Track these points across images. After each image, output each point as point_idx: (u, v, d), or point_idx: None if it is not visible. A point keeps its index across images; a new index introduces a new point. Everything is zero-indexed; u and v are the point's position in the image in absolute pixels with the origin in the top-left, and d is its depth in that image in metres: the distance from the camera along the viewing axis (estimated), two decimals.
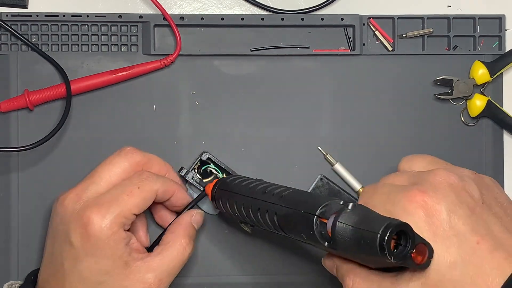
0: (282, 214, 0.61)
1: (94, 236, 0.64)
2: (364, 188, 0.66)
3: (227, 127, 0.75)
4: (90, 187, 0.67)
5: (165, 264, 0.67)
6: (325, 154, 0.76)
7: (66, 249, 0.66)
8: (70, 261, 0.65)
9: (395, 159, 0.78)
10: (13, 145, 0.74)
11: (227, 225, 0.76)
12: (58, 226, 0.67)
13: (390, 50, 0.77)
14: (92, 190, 0.67)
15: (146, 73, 0.75)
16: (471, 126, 0.77)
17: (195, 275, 0.75)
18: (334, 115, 0.77)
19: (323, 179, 0.76)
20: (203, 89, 0.76)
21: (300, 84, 0.77)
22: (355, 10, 0.77)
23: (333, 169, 0.76)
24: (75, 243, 0.65)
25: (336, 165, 0.76)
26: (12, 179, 0.74)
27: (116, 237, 0.65)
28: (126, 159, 0.69)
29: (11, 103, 0.73)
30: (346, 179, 0.76)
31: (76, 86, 0.74)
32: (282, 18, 0.76)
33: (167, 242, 0.68)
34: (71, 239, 0.65)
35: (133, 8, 0.76)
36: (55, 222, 0.68)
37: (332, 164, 0.76)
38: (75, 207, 0.66)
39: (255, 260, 0.76)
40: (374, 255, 0.53)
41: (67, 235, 0.65)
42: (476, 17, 0.77)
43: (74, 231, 0.65)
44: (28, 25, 0.75)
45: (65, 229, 0.66)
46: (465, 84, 0.77)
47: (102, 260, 0.65)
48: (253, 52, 0.76)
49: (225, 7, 0.77)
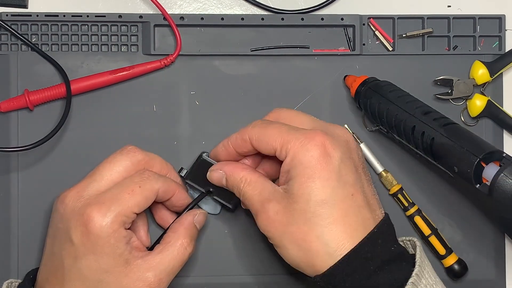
0: (441, 142, 0.68)
1: (94, 234, 0.64)
2: (257, 121, 0.69)
3: (227, 127, 0.75)
4: (91, 185, 0.67)
5: (165, 263, 0.67)
6: (352, 133, 0.76)
7: (66, 247, 0.66)
8: (70, 259, 0.65)
9: (394, 158, 0.78)
10: (13, 145, 0.74)
11: (227, 225, 0.76)
12: (58, 224, 0.67)
13: (390, 50, 0.77)
14: (93, 188, 0.67)
15: (146, 73, 0.75)
16: (471, 126, 0.77)
17: (195, 275, 0.75)
18: (334, 115, 0.77)
19: None
20: (203, 89, 0.76)
21: (300, 84, 0.77)
22: (355, 10, 0.77)
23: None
24: (75, 241, 0.65)
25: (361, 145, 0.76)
26: (12, 179, 0.74)
27: (117, 236, 0.65)
28: (128, 158, 0.69)
29: (11, 103, 0.73)
30: (369, 160, 0.76)
31: (76, 86, 0.74)
32: (282, 18, 0.76)
33: (168, 241, 0.68)
34: (71, 237, 0.65)
35: (133, 8, 0.76)
36: (55, 220, 0.68)
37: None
38: (76, 205, 0.66)
39: (255, 260, 0.76)
40: None
41: (67, 233, 0.65)
42: (476, 17, 0.77)
43: (75, 229, 0.65)
44: (28, 25, 0.75)
45: (66, 227, 0.66)
46: (465, 84, 0.77)
47: (102, 258, 0.65)
48: (253, 52, 0.76)
49: (225, 7, 0.77)
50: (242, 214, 0.75)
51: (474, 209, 0.76)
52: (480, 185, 0.66)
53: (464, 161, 0.67)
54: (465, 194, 0.74)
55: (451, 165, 0.68)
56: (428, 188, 0.77)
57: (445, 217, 0.77)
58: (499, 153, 0.67)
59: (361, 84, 0.74)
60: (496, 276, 0.77)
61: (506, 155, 0.66)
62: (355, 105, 0.76)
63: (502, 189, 0.64)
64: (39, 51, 0.74)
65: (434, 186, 0.77)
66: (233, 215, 0.75)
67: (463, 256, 0.77)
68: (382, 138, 0.77)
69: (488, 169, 0.66)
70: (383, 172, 0.76)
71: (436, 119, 0.70)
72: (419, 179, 0.77)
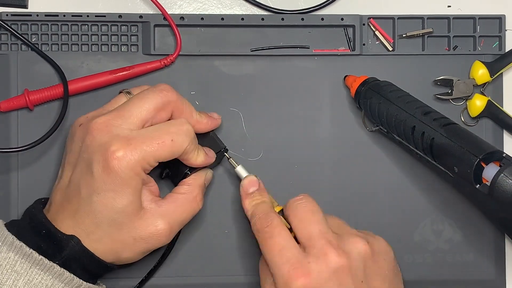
0: (441, 143, 0.68)
1: (115, 173, 0.64)
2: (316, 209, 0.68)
3: (227, 127, 0.75)
4: (118, 118, 0.66)
5: (178, 212, 0.68)
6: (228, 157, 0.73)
7: (86, 178, 0.65)
8: (88, 190, 0.65)
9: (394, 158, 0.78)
10: (13, 145, 0.74)
11: (227, 225, 0.76)
12: (83, 154, 0.66)
13: (390, 50, 0.77)
14: (122, 125, 0.66)
15: (146, 73, 0.75)
16: (471, 126, 0.77)
17: (195, 275, 0.75)
18: (334, 115, 0.77)
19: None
20: (203, 89, 0.76)
21: (300, 84, 0.77)
22: (355, 10, 0.77)
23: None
24: (96, 175, 0.64)
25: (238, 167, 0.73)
26: (12, 178, 0.74)
27: (137, 178, 0.65)
28: (160, 96, 0.67)
29: (11, 102, 0.73)
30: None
31: (77, 85, 0.74)
32: (282, 18, 0.76)
33: (183, 192, 0.69)
34: (93, 170, 0.65)
35: (133, 8, 0.76)
36: (77, 148, 0.67)
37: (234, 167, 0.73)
38: (102, 138, 0.65)
39: (255, 260, 0.76)
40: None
41: (89, 165, 0.65)
42: (476, 17, 0.77)
43: (97, 163, 0.64)
44: (28, 25, 0.75)
45: (89, 158, 0.65)
46: (465, 84, 0.77)
47: (119, 197, 0.65)
48: (253, 52, 0.76)
49: (225, 7, 0.77)
50: (242, 214, 0.75)
51: (474, 209, 0.76)
52: (480, 185, 0.66)
53: (464, 161, 0.67)
54: (465, 194, 0.74)
55: (451, 165, 0.68)
56: (428, 188, 0.77)
57: (445, 217, 0.77)
58: (499, 153, 0.67)
59: (361, 84, 0.74)
60: (496, 276, 0.77)
61: (506, 155, 0.66)
62: (355, 105, 0.76)
63: (502, 189, 0.64)
64: (38, 50, 0.74)
65: (434, 186, 0.77)
66: (233, 215, 0.76)
67: (463, 256, 0.77)
68: (382, 138, 0.77)
69: (488, 169, 0.66)
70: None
71: (436, 119, 0.70)
72: (419, 179, 0.77)
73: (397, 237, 0.76)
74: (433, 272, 0.77)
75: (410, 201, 0.76)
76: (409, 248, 0.77)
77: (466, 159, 0.67)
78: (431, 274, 0.77)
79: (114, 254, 0.67)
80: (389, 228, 0.76)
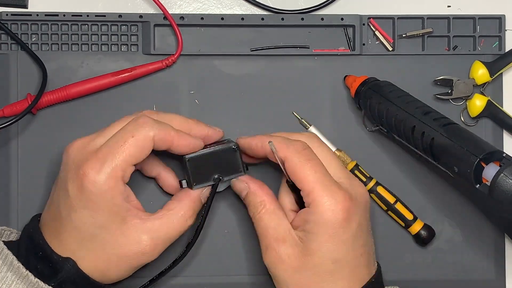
0: (440, 143, 0.68)
1: (88, 190, 0.63)
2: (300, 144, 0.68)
3: (227, 126, 0.75)
4: (96, 139, 0.66)
5: (164, 229, 0.66)
6: (299, 118, 0.76)
7: (64, 197, 0.65)
8: (66, 209, 0.65)
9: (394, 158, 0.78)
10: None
11: (227, 225, 0.76)
12: (61, 173, 0.67)
13: (390, 50, 0.77)
14: (96, 142, 0.66)
15: (147, 74, 0.75)
16: (471, 126, 0.77)
17: (196, 275, 0.75)
18: (334, 115, 0.77)
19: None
20: (203, 89, 0.76)
21: (300, 84, 0.77)
22: (355, 10, 0.77)
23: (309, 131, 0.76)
24: (71, 194, 0.64)
25: (310, 128, 0.76)
26: (12, 178, 0.74)
27: (114, 192, 0.64)
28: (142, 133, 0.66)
29: (14, 107, 0.73)
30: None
31: (78, 89, 0.74)
32: (282, 18, 0.76)
33: (171, 208, 0.67)
34: (68, 189, 0.64)
35: (133, 8, 0.76)
36: (61, 167, 0.67)
37: (306, 128, 0.76)
38: (77, 157, 0.65)
39: (255, 260, 0.76)
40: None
41: (65, 184, 0.65)
42: (476, 17, 0.77)
43: (72, 182, 0.64)
44: (28, 25, 0.74)
45: (65, 178, 0.65)
46: (465, 84, 0.77)
47: (97, 214, 0.64)
48: (253, 52, 0.76)
49: (225, 7, 0.77)
50: (242, 214, 0.75)
51: (474, 209, 0.76)
52: (480, 185, 0.66)
53: (464, 161, 0.67)
54: (465, 194, 0.74)
55: (451, 165, 0.68)
56: (428, 188, 0.77)
57: (445, 217, 0.77)
58: (499, 153, 0.67)
59: (361, 84, 0.74)
60: (496, 276, 0.77)
61: (506, 155, 0.66)
62: (355, 105, 0.76)
63: (502, 189, 0.65)
64: (29, 50, 0.74)
65: (434, 186, 0.77)
66: (233, 215, 0.76)
67: (463, 256, 0.77)
68: (382, 138, 0.77)
69: (488, 169, 0.66)
70: (337, 151, 0.76)
71: (436, 119, 0.70)
72: (419, 179, 0.77)
73: (397, 237, 0.76)
74: (433, 272, 0.77)
75: (410, 201, 0.76)
76: (409, 248, 0.77)
77: (466, 159, 0.67)
78: (431, 274, 0.77)
79: (100, 272, 0.66)
80: (389, 228, 0.76)
